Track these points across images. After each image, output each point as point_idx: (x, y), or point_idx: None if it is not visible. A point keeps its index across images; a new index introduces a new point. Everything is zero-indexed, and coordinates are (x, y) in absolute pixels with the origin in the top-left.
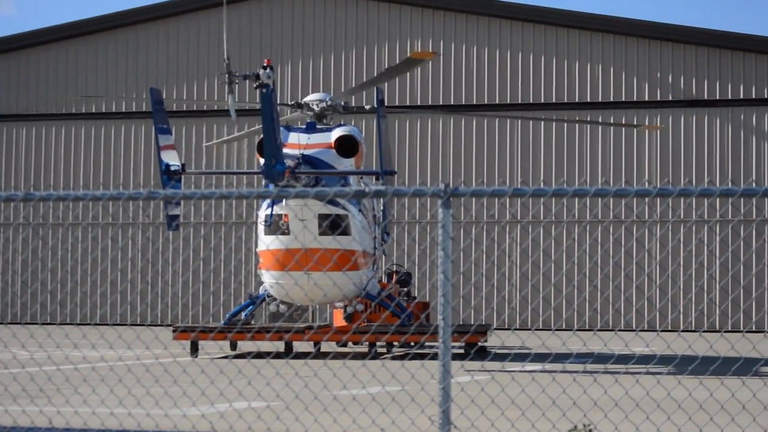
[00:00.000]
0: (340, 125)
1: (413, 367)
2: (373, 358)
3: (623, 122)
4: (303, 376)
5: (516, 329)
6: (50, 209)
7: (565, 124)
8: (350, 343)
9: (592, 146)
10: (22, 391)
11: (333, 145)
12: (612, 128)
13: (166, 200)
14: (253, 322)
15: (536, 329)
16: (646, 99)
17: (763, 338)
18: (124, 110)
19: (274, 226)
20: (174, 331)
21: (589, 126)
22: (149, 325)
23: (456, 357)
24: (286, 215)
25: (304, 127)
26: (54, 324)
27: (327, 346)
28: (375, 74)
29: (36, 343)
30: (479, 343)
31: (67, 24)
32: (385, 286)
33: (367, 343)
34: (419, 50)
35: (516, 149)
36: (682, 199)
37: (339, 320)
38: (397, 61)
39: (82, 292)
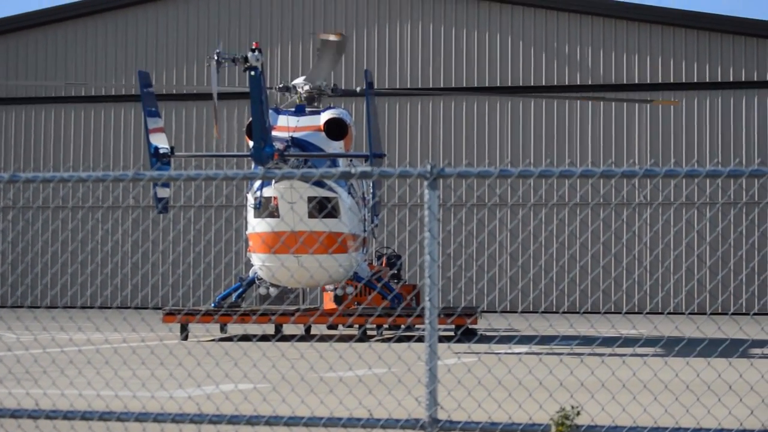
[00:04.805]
0: (329, 108)
1: (400, 349)
2: (360, 340)
3: (636, 99)
4: (290, 357)
5: (503, 311)
6: (39, 191)
7: (555, 106)
8: (341, 326)
9: (582, 129)
10: (8, 373)
11: (322, 127)
12: (602, 111)
13: (153, 181)
14: (243, 305)
15: (523, 311)
16: (636, 81)
17: (750, 319)
18: (113, 93)
19: (263, 208)
20: (164, 314)
21: (579, 109)
22: (136, 308)
23: (443, 339)
24: (275, 198)
25: (293, 110)
26: (40, 307)
27: (316, 329)
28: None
29: (22, 325)
30: (467, 325)
31: (55, 7)
32: (373, 268)
33: (357, 325)
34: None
35: (506, 131)
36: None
37: (329, 302)
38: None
39: (69, 274)
